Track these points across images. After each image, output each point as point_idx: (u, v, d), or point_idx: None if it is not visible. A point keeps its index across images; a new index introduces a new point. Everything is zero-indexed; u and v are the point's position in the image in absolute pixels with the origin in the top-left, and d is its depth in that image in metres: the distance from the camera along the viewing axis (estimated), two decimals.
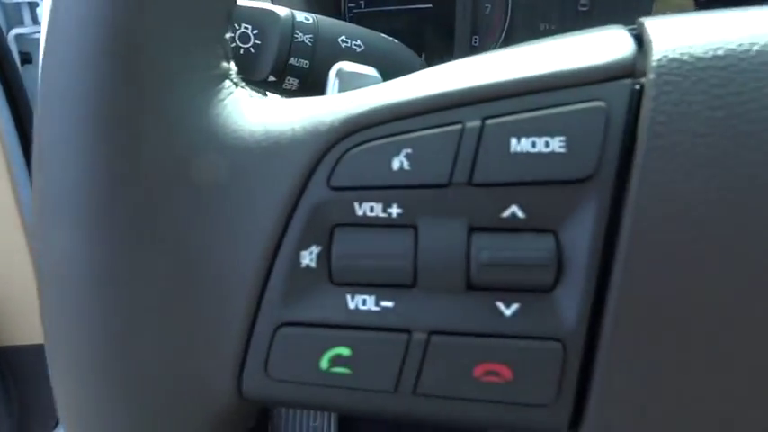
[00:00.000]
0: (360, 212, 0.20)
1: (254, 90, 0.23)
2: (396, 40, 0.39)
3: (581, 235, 0.19)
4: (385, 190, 0.20)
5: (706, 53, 0.20)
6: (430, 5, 0.74)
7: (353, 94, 0.22)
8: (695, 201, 0.19)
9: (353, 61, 0.33)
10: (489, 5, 0.75)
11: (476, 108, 0.20)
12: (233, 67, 0.22)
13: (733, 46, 0.20)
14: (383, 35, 0.38)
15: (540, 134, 0.19)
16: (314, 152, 0.20)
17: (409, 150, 0.20)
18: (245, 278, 0.20)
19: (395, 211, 0.20)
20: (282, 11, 0.35)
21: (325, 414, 0.86)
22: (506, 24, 0.74)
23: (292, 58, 0.34)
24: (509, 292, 0.20)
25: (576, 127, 0.19)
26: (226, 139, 0.21)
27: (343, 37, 0.36)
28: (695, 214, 0.19)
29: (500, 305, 0.20)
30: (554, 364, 0.19)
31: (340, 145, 0.21)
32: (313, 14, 0.36)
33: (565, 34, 0.23)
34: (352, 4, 0.76)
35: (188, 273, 0.20)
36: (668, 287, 0.19)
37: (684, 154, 0.19)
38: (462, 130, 0.20)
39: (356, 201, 0.20)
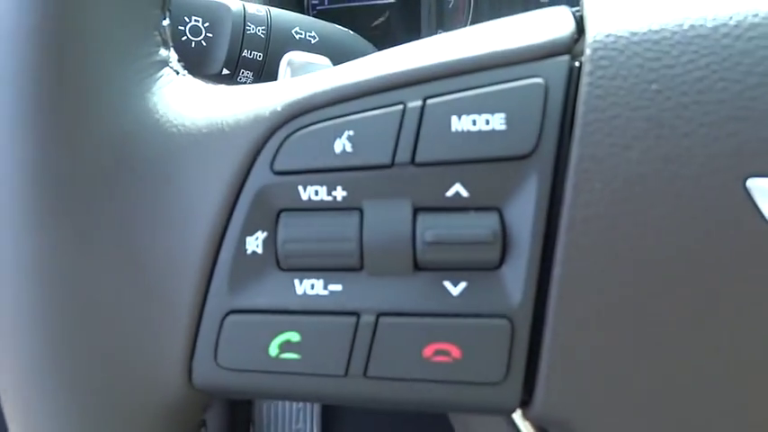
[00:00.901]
0: (305, 196, 0.20)
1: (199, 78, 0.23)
2: (351, 32, 0.39)
3: (524, 211, 0.20)
4: (328, 173, 0.20)
5: (641, 27, 0.20)
6: (392, 0, 0.74)
7: (296, 80, 0.22)
8: (633, 173, 0.19)
9: (308, 53, 0.33)
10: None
11: (417, 88, 0.20)
12: (173, 54, 0.22)
13: (667, 19, 0.20)
14: (339, 27, 0.38)
15: (480, 112, 0.20)
16: (256, 137, 0.20)
17: (351, 132, 0.20)
18: (192, 266, 0.20)
19: (339, 193, 0.20)
20: (234, 3, 0.35)
21: (308, 416, 0.86)
22: (470, 17, 0.74)
23: (245, 51, 0.34)
24: (456, 271, 0.20)
25: (516, 104, 0.20)
26: (166, 126, 0.21)
27: (297, 29, 0.36)
28: (634, 187, 0.19)
29: (447, 284, 0.20)
30: (502, 341, 0.19)
31: (282, 129, 0.20)
32: (266, 7, 0.36)
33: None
34: (316, 1, 0.76)
35: (133, 261, 0.20)
36: (611, 261, 0.19)
37: (621, 127, 0.19)
38: (404, 110, 0.20)
39: (300, 185, 0.20)
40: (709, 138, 0.19)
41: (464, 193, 0.20)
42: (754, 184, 0.19)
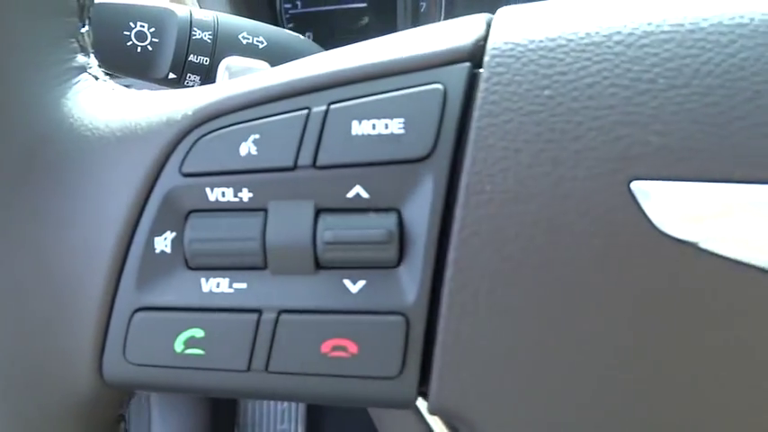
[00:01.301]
0: (212, 198, 0.21)
1: (121, 83, 0.24)
2: (302, 36, 0.40)
3: (421, 212, 0.20)
4: (234, 175, 0.21)
5: (539, 36, 0.21)
6: (365, 4, 0.75)
7: (209, 86, 0.22)
8: (523, 176, 0.20)
9: (256, 58, 0.34)
10: (425, 3, 0.76)
11: (322, 94, 0.21)
12: (93, 60, 0.23)
13: (565, 28, 0.21)
14: (289, 32, 0.39)
15: (379, 117, 0.20)
16: (167, 140, 0.21)
17: (257, 136, 0.21)
18: (101, 265, 0.21)
19: (245, 195, 0.21)
20: (180, 9, 0.35)
21: (293, 417, 0.87)
22: (442, 17, 0.75)
23: (191, 56, 0.35)
24: (356, 269, 0.20)
25: (414, 109, 0.20)
26: (81, 129, 0.21)
27: (245, 33, 0.36)
28: (523, 189, 0.20)
29: (347, 282, 0.20)
30: (397, 337, 0.20)
31: (193, 133, 0.21)
32: (214, 12, 0.36)
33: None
34: (288, 5, 0.76)
35: (43, 259, 0.21)
36: (500, 261, 0.20)
37: (513, 131, 0.20)
38: (308, 115, 0.21)
39: (208, 186, 0.21)
40: (598, 141, 0.20)
41: (364, 195, 0.20)
42: (638, 187, 0.19)
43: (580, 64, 0.20)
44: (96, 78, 0.23)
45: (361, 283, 0.20)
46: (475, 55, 0.21)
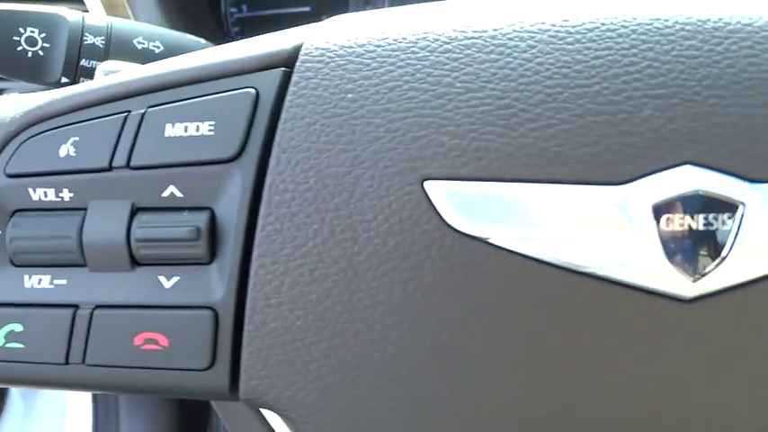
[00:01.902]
0: (35, 198, 0.22)
1: None
2: (203, 41, 0.40)
3: (232, 211, 0.21)
4: (55, 176, 0.22)
5: (350, 42, 0.22)
6: (307, 8, 0.76)
7: (45, 92, 0.23)
8: (324, 175, 0.20)
9: (151, 62, 0.34)
10: (370, 7, 0.77)
11: (143, 98, 0.22)
12: None
13: (377, 34, 0.22)
14: (190, 36, 0.40)
15: (191, 119, 0.21)
16: None
17: (76, 138, 0.21)
18: None
19: (66, 195, 0.22)
20: (72, 14, 0.36)
21: None
22: None
23: (83, 60, 0.36)
24: (171, 266, 0.21)
25: (224, 112, 0.21)
26: None
27: (140, 38, 0.37)
28: (325, 188, 0.20)
29: (162, 279, 0.21)
30: (207, 331, 0.21)
31: (20, 136, 0.22)
32: (109, 18, 0.37)
33: None
34: (234, 9, 0.77)
35: None
36: (302, 256, 0.20)
37: (317, 133, 0.21)
38: (126, 118, 0.21)
39: (30, 187, 0.22)
40: (395, 142, 0.20)
41: (178, 194, 0.21)
42: (431, 186, 0.20)
43: (384, 69, 0.21)
44: None
45: (175, 279, 0.21)
46: (291, 61, 0.22)
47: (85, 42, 0.36)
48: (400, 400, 0.21)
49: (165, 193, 0.21)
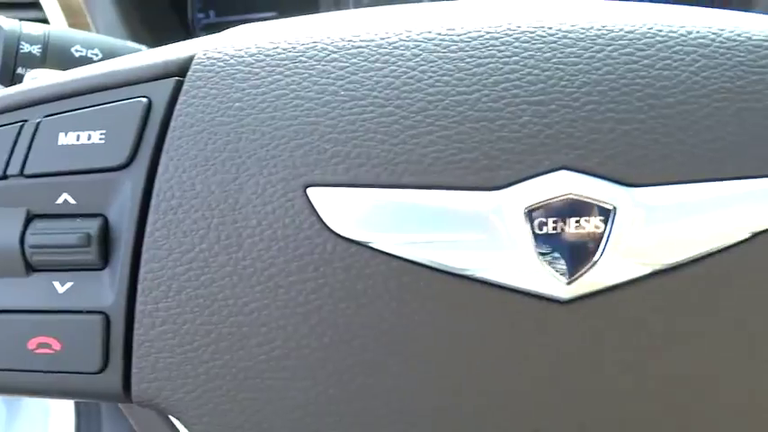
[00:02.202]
0: None
1: None
2: (144, 47, 0.41)
3: (123, 218, 0.22)
4: None
5: (240, 51, 0.22)
6: (274, 14, 0.76)
7: None
8: (210, 182, 0.21)
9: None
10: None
11: (40, 108, 0.22)
12: None
13: (268, 44, 0.22)
14: (131, 43, 0.40)
15: (83, 128, 0.22)
16: None
17: None
18: None
19: None
20: (7, 23, 0.37)
21: None
22: None
23: (20, 68, 0.36)
24: (66, 272, 0.22)
25: (116, 121, 0.22)
26: None
27: (78, 46, 0.38)
28: (211, 195, 0.21)
29: (56, 284, 0.22)
30: (98, 335, 0.21)
31: None
32: (47, 26, 0.38)
33: None
34: (201, 15, 0.78)
35: None
36: (189, 261, 0.21)
37: (204, 141, 0.21)
38: (21, 127, 0.22)
39: None
40: (279, 150, 0.21)
41: (72, 201, 0.22)
42: (314, 192, 0.21)
43: (272, 78, 0.22)
44: None
45: (69, 284, 0.22)
46: (184, 70, 0.22)
47: (22, 51, 0.36)
48: (288, 400, 0.21)
49: (59, 201, 0.22)
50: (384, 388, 0.21)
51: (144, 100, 0.22)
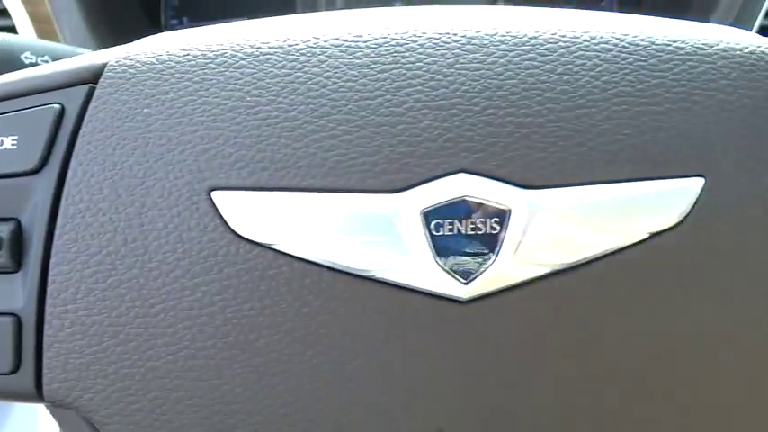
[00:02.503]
0: None
1: None
2: None
3: (35, 221, 0.22)
4: None
5: (151, 58, 0.23)
6: (249, 18, 0.76)
7: None
8: (118, 186, 0.21)
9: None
10: None
11: None
12: None
13: (181, 51, 0.23)
14: (81, 50, 0.41)
15: None
16: None
17: None
18: None
19: None
20: None
21: None
22: None
23: None
24: None
25: (28, 127, 0.22)
26: None
27: (28, 53, 0.38)
28: (118, 199, 0.21)
29: None
30: (9, 336, 0.22)
31: None
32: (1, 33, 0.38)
33: None
34: (175, 21, 0.78)
35: None
36: (97, 264, 0.21)
37: (112, 146, 0.22)
38: None
39: None
40: (184, 154, 0.21)
41: None
42: (218, 196, 0.21)
43: (181, 84, 0.22)
44: None
45: None
46: (97, 77, 0.23)
47: None
48: (196, 399, 0.22)
49: None
50: (288, 387, 0.21)
51: (56, 106, 0.22)
